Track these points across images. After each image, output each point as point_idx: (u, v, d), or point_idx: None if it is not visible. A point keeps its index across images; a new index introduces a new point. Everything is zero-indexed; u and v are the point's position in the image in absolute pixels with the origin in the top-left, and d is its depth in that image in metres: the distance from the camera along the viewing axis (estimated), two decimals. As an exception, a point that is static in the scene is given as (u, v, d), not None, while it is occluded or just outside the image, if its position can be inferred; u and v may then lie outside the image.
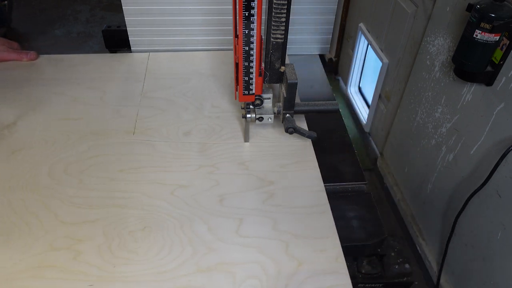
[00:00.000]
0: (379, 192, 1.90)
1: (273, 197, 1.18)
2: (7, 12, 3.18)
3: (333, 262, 1.02)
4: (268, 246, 1.06)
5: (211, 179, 1.24)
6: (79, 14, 3.59)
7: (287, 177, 1.24)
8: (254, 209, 1.15)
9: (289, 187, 1.21)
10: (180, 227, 1.09)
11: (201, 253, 1.03)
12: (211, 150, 1.33)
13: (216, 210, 1.14)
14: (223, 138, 1.38)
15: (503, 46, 1.07)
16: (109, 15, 3.62)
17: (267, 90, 1.23)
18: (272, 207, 1.16)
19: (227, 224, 1.11)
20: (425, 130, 1.50)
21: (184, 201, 1.17)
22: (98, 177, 1.23)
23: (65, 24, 3.46)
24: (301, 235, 1.08)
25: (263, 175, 1.25)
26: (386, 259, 1.51)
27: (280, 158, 1.30)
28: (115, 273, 0.98)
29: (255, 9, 1.01)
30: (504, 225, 1.15)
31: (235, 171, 1.26)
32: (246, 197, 1.19)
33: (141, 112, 1.48)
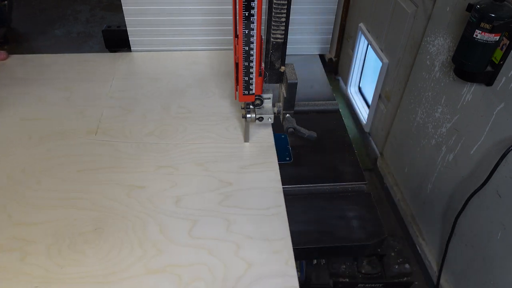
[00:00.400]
0: (379, 192, 1.90)
1: (230, 198, 1.16)
2: (7, 12, 3.19)
3: (283, 265, 1.01)
4: (219, 248, 1.03)
5: (169, 180, 1.21)
6: (79, 14, 3.59)
7: (246, 179, 1.22)
8: (210, 210, 1.13)
9: (247, 189, 1.19)
10: (132, 229, 1.08)
11: (150, 255, 1.01)
12: (173, 151, 1.31)
13: (170, 212, 1.12)
14: (186, 139, 1.36)
15: (503, 46, 1.07)
16: (109, 15, 3.62)
17: (267, 90, 1.23)
18: (228, 208, 1.13)
19: (180, 225, 1.08)
20: (425, 130, 1.50)
21: (139, 202, 1.15)
22: (56, 177, 1.21)
23: (65, 24, 3.46)
24: (254, 237, 1.06)
25: (222, 176, 1.23)
26: (386, 259, 1.51)
27: (241, 159, 1.29)
28: (61, 275, 0.97)
29: (255, 9, 1.01)
30: (504, 225, 1.15)
31: (195, 172, 1.24)
32: (203, 199, 1.16)
33: (106, 113, 1.47)
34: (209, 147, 1.33)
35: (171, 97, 1.56)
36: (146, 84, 1.62)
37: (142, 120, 1.44)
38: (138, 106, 1.51)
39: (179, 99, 1.54)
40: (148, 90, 1.59)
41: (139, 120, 1.44)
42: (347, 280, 1.47)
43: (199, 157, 1.29)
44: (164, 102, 1.53)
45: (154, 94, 1.57)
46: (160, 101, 1.53)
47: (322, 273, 1.48)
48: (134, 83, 1.62)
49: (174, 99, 1.54)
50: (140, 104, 1.52)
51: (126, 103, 1.52)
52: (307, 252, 1.12)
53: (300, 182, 1.26)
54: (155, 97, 1.55)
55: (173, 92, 1.59)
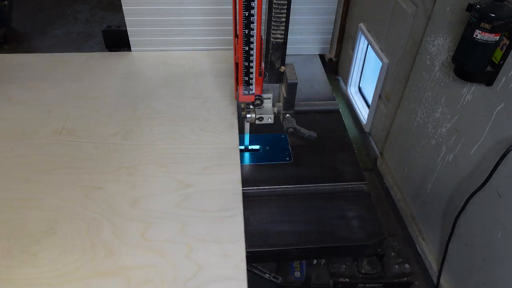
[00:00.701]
0: (379, 192, 1.90)
1: (187, 200, 1.15)
2: (7, 12, 3.19)
3: (234, 268, 1.00)
4: (171, 250, 1.02)
5: (129, 181, 1.20)
6: (79, 14, 3.59)
7: (206, 180, 1.21)
8: (166, 212, 1.12)
9: (205, 190, 1.18)
10: (86, 230, 1.06)
11: (100, 256, 1.00)
12: (136, 152, 1.30)
13: (126, 213, 1.11)
14: (150, 140, 1.34)
15: (503, 46, 1.07)
16: (109, 15, 3.63)
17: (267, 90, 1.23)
18: (185, 210, 1.12)
19: (134, 227, 1.07)
20: (425, 130, 1.50)
21: (96, 203, 1.13)
22: (14, 177, 1.20)
23: (65, 24, 3.46)
24: (207, 240, 1.05)
25: (182, 177, 1.21)
26: (386, 259, 1.51)
27: (203, 160, 1.27)
28: (8, 276, 0.96)
29: (255, 9, 1.01)
30: (504, 225, 1.15)
31: (155, 173, 1.23)
32: (160, 200, 1.15)
33: (73, 112, 1.44)
34: (173, 149, 1.32)
35: (140, 97, 1.54)
36: (116, 84, 1.60)
37: (108, 121, 1.42)
38: (106, 106, 1.49)
39: (148, 99, 1.53)
40: (118, 89, 1.57)
41: (105, 121, 1.42)
42: (347, 280, 1.47)
43: (161, 158, 1.28)
44: (132, 102, 1.51)
45: (123, 94, 1.54)
46: (129, 101, 1.52)
47: (322, 273, 1.48)
48: (104, 83, 1.60)
49: (143, 99, 1.53)
50: (108, 104, 1.50)
51: (94, 103, 1.50)
52: (307, 252, 1.12)
53: (300, 182, 1.26)
54: (124, 97, 1.53)
55: (143, 92, 1.56)
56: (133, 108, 1.49)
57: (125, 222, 1.09)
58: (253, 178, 1.28)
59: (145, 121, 1.43)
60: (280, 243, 1.09)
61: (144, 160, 1.28)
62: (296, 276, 1.48)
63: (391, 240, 1.55)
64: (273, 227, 1.13)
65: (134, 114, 1.46)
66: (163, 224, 1.09)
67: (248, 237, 1.09)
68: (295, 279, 1.47)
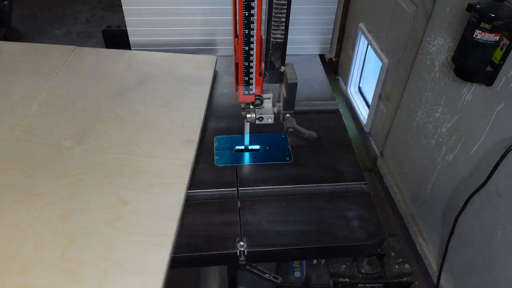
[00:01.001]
0: (379, 192, 1.90)
1: (120, 219, 1.07)
2: (7, 12, 3.19)
3: None
4: (85, 275, 0.94)
5: (68, 190, 1.12)
6: (79, 14, 3.59)
7: (146, 199, 1.12)
8: (94, 230, 1.03)
9: (142, 211, 1.09)
10: (9, 240, 0.99)
11: (14, 272, 0.94)
12: (85, 158, 1.22)
13: (53, 226, 1.03)
14: (104, 147, 1.27)
15: (503, 46, 1.07)
16: (109, 15, 3.63)
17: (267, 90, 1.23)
18: (114, 230, 1.04)
19: (56, 243, 0.99)
20: (425, 130, 1.50)
21: (29, 211, 1.06)
22: None
23: (65, 24, 3.47)
24: (126, 267, 0.96)
25: (123, 193, 1.13)
26: (386, 259, 1.51)
27: (151, 176, 1.18)
28: None
29: (255, 9, 1.01)
30: (504, 225, 1.15)
31: (97, 184, 1.15)
32: (92, 216, 1.07)
33: (37, 109, 1.38)
34: (123, 159, 1.23)
35: (109, 99, 1.46)
36: (90, 82, 1.53)
37: (68, 122, 1.35)
38: (72, 105, 1.42)
39: (115, 103, 1.44)
40: (89, 88, 1.50)
41: (65, 121, 1.35)
42: (347, 280, 1.48)
43: (109, 168, 1.20)
44: (99, 103, 1.43)
45: (93, 94, 1.47)
46: (96, 102, 1.44)
47: (322, 273, 1.48)
48: (79, 80, 1.53)
49: (111, 102, 1.44)
50: (75, 103, 1.43)
51: (61, 101, 1.43)
52: (307, 252, 1.12)
53: (300, 182, 1.26)
54: (93, 97, 1.46)
55: (113, 94, 1.48)
56: (98, 110, 1.41)
57: (50, 236, 1.01)
58: (253, 178, 1.28)
59: (105, 126, 1.35)
60: (280, 243, 1.09)
61: (91, 168, 1.20)
62: (296, 276, 1.48)
63: (391, 240, 1.55)
64: (273, 227, 1.13)
65: (97, 117, 1.38)
66: (87, 243, 1.01)
67: (248, 237, 1.09)
68: (295, 279, 1.47)
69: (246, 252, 1.07)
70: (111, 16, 3.59)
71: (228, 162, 1.32)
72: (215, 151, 1.36)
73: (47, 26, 3.36)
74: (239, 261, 1.09)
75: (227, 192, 1.23)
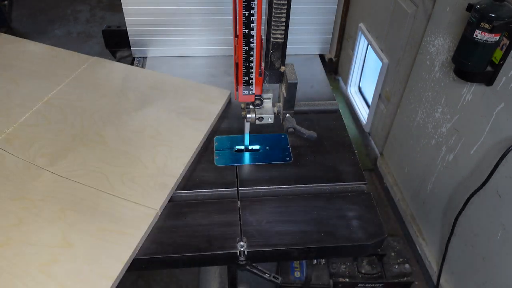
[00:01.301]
0: (379, 192, 1.90)
1: (55, 264, 0.97)
2: (7, 12, 3.19)
3: None
4: None
5: (18, 215, 1.04)
6: (79, 14, 3.60)
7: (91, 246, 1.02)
8: (21, 269, 0.94)
9: (80, 259, 0.99)
10: None
11: None
12: (49, 182, 1.14)
13: None
14: (73, 173, 1.17)
15: (503, 46, 1.07)
16: (109, 15, 3.63)
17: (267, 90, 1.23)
18: (42, 275, 0.95)
19: None
20: (425, 130, 1.50)
21: None
22: None
23: (65, 24, 3.47)
24: None
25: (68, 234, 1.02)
26: (386, 259, 1.51)
27: (106, 220, 1.07)
28: None
29: (255, 9, 1.01)
30: (504, 225, 1.15)
31: (50, 216, 1.05)
32: (29, 252, 0.97)
33: (28, 117, 1.33)
34: (88, 192, 1.13)
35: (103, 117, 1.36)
36: (91, 95, 1.45)
37: (51, 137, 1.27)
38: (63, 118, 1.34)
39: (105, 123, 1.34)
40: (88, 101, 1.42)
41: (49, 136, 1.28)
42: (347, 280, 1.48)
43: (68, 200, 1.10)
44: (89, 121, 1.34)
45: (88, 108, 1.39)
46: (88, 121, 1.35)
47: (322, 273, 1.48)
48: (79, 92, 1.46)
49: (102, 121, 1.34)
50: (66, 118, 1.35)
51: (53, 112, 1.36)
52: (307, 252, 1.12)
53: (300, 182, 1.26)
54: (87, 115, 1.37)
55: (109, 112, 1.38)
56: (86, 130, 1.31)
57: None
58: (253, 178, 1.28)
59: (86, 149, 1.25)
60: (280, 243, 1.09)
61: (52, 196, 1.11)
62: (296, 276, 1.48)
63: (391, 240, 1.55)
64: (273, 227, 1.13)
65: (81, 137, 1.29)
66: (5, 285, 0.92)
67: (248, 237, 1.09)
68: (295, 279, 1.47)
69: (246, 252, 1.07)
70: (111, 16, 3.59)
71: (228, 162, 1.32)
72: (215, 151, 1.36)
73: (47, 26, 3.36)
74: (239, 261, 1.09)
75: (227, 192, 1.23)
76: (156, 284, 1.78)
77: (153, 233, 1.08)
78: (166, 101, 1.46)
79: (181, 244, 1.06)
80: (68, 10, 3.62)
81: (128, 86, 1.52)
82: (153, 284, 1.78)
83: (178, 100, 1.47)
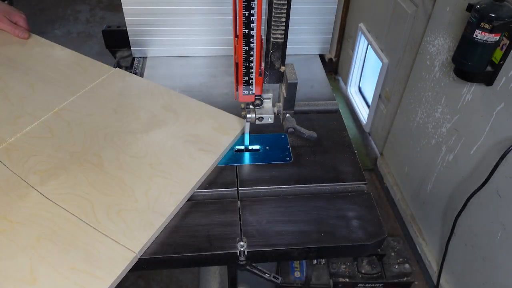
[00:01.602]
0: (379, 192, 1.90)
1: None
2: (7, 12, 3.19)
3: None
4: None
5: None
6: (79, 14, 3.60)
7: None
8: None
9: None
10: None
11: None
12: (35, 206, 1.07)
13: None
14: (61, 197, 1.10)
15: (503, 46, 1.07)
16: (109, 15, 3.63)
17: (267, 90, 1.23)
18: None
19: None
20: (425, 130, 1.50)
21: None
22: None
23: (65, 24, 3.47)
24: None
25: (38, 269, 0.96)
26: (386, 259, 1.51)
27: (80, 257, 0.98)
28: None
29: (255, 9, 1.01)
30: (504, 225, 1.15)
31: (22, 245, 0.99)
32: None
33: (35, 127, 1.28)
34: (69, 222, 1.05)
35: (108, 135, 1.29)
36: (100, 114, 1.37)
37: (52, 153, 1.21)
38: (66, 135, 1.27)
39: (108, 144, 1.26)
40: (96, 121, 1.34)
41: (48, 152, 1.21)
42: (347, 280, 1.48)
43: (46, 230, 1.02)
44: (92, 141, 1.27)
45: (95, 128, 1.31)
46: (91, 139, 1.27)
47: (322, 273, 1.48)
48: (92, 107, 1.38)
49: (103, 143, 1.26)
50: (71, 133, 1.29)
51: (60, 127, 1.30)
52: (307, 252, 1.12)
53: (300, 182, 1.26)
54: (92, 132, 1.30)
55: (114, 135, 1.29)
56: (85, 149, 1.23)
57: None
58: (253, 178, 1.28)
59: (79, 170, 1.17)
60: (280, 243, 1.09)
61: (31, 221, 1.04)
62: (296, 276, 1.48)
63: (391, 240, 1.55)
64: (273, 227, 1.13)
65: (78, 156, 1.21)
66: None
67: (248, 237, 1.09)
68: (295, 279, 1.47)
69: (246, 252, 1.07)
70: (111, 16, 3.59)
71: (228, 162, 1.32)
72: (215, 151, 1.36)
73: (47, 26, 3.36)
74: (239, 261, 1.09)
75: (227, 192, 1.23)
76: (156, 284, 1.78)
77: (153, 233, 1.08)
78: (176, 125, 1.36)
79: (181, 244, 1.06)
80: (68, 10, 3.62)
81: (142, 104, 1.44)
82: (153, 284, 1.78)
83: (189, 126, 1.37)
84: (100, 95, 1.45)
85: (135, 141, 1.29)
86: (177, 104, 1.45)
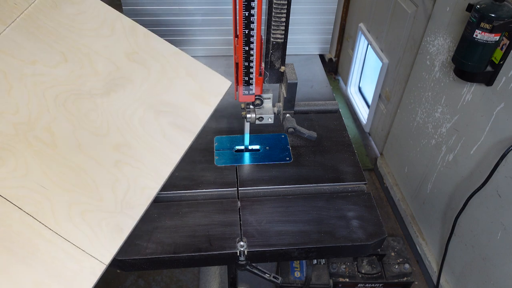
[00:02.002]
0: (379, 192, 1.90)
1: None
2: (7, 12, 3.18)
3: None
4: None
5: None
6: (79, 14, 3.59)
7: None
8: None
9: None
10: None
11: None
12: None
13: None
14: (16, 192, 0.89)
15: (503, 46, 1.07)
16: (109, 15, 3.62)
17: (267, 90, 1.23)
18: None
19: None
20: (425, 130, 1.50)
21: None
22: None
23: (65, 24, 3.44)
24: None
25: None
26: (386, 259, 1.51)
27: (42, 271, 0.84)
28: None
29: (255, 9, 1.01)
30: (504, 225, 1.15)
31: None
32: None
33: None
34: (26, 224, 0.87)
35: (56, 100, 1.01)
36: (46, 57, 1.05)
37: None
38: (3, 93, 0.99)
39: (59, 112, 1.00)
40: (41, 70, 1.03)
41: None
42: (347, 280, 1.48)
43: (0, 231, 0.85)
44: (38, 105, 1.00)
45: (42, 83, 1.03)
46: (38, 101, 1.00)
47: (322, 273, 1.48)
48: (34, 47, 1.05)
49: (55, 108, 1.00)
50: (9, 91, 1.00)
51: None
52: (307, 252, 1.12)
53: (300, 182, 1.26)
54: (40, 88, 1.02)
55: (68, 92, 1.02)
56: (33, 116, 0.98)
57: None
58: (253, 178, 1.28)
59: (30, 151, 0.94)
60: (280, 243, 1.09)
61: None
62: (296, 276, 1.48)
63: (391, 240, 1.55)
64: (273, 227, 1.13)
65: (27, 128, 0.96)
66: None
67: (248, 237, 1.09)
68: (295, 279, 1.47)
69: (246, 252, 1.07)
70: (111, 16, 3.58)
71: (228, 162, 1.32)
72: (215, 151, 1.36)
73: (47, 26, 3.36)
74: (239, 261, 1.09)
75: (227, 192, 1.23)
76: (156, 284, 1.78)
77: (153, 233, 1.08)
78: (145, 86, 1.07)
79: (181, 244, 1.06)
80: (68, 10, 3.61)
81: (99, 47, 1.07)
82: (153, 284, 1.78)
83: (161, 87, 1.08)
84: (42, 28, 1.05)
85: (94, 109, 1.00)
86: (146, 52, 1.12)
